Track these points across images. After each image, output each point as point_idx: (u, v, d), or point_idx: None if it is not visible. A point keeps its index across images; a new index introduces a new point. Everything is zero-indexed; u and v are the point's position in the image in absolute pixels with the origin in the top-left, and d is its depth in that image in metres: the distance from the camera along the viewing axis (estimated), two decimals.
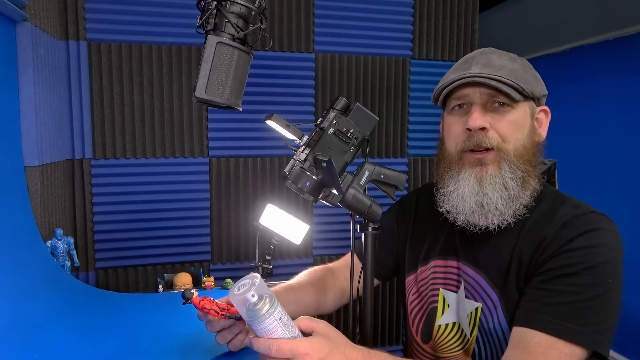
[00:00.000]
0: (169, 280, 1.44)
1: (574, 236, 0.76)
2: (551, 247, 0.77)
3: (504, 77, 0.80)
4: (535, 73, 0.86)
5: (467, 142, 0.83)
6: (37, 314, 0.93)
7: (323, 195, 0.85)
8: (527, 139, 0.83)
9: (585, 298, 0.72)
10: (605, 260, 0.74)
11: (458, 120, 0.86)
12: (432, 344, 0.94)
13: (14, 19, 1.10)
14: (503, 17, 3.07)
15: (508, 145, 0.81)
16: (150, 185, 1.59)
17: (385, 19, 1.78)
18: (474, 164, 0.83)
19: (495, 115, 0.82)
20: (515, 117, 0.82)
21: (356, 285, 0.88)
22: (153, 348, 0.87)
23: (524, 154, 0.82)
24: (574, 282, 0.73)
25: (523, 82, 0.81)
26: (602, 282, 0.73)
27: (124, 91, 1.54)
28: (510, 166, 0.81)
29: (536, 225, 0.82)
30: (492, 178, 0.81)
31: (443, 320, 0.92)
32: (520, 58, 0.86)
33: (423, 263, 0.98)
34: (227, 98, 0.77)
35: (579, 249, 0.75)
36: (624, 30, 2.33)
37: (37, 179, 1.19)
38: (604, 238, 0.76)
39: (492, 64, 0.82)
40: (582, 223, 0.77)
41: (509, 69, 0.81)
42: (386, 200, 0.91)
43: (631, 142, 2.34)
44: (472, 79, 0.81)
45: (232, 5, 0.75)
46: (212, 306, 0.75)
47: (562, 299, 0.73)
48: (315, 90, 1.74)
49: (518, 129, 0.82)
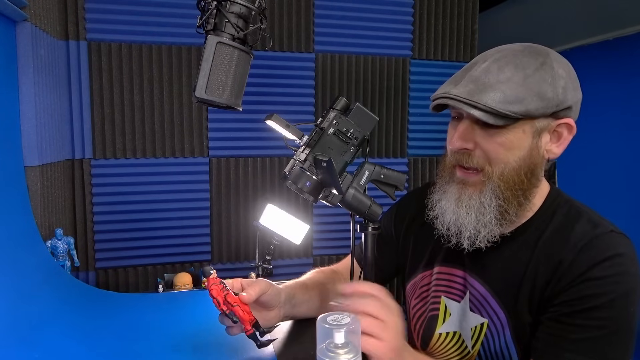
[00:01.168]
0: (169, 280, 1.44)
1: (594, 263, 0.71)
2: (570, 274, 0.72)
3: (480, 103, 0.71)
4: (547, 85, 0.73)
5: (452, 157, 0.80)
6: (37, 313, 0.93)
7: (323, 195, 0.85)
8: (522, 162, 0.76)
9: (611, 332, 0.69)
10: (628, 289, 0.71)
11: (451, 131, 0.81)
12: (430, 350, 0.93)
13: (14, 19, 1.10)
14: (503, 17, 3.07)
15: (494, 169, 0.75)
16: (150, 185, 1.59)
17: (385, 19, 1.78)
18: (459, 181, 0.80)
19: (483, 134, 0.75)
20: (505, 139, 0.74)
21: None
22: (153, 348, 0.87)
23: (512, 179, 0.76)
24: (598, 315, 0.70)
25: (513, 101, 0.71)
26: (624, 313, 0.70)
27: (124, 91, 1.54)
28: (491, 191, 0.76)
29: (551, 242, 0.77)
30: (470, 200, 0.77)
31: (444, 328, 0.90)
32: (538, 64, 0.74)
33: (426, 268, 0.96)
34: (227, 98, 0.77)
35: (600, 279, 0.70)
36: (624, 30, 2.33)
37: (37, 179, 1.19)
38: (626, 265, 0.71)
39: (482, 80, 0.74)
40: (603, 248, 0.72)
41: (499, 88, 0.72)
42: (386, 200, 0.91)
43: (631, 142, 2.34)
44: (447, 101, 0.75)
45: (232, 5, 0.75)
46: (219, 296, 0.75)
47: (589, 334, 0.69)
48: (315, 90, 1.74)
49: (508, 151, 0.75)
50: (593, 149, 2.56)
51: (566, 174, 2.73)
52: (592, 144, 2.57)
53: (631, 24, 2.29)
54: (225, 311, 0.76)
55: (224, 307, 0.76)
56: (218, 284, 0.77)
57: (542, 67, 0.74)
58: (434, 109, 0.84)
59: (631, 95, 2.34)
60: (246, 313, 0.78)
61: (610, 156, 2.46)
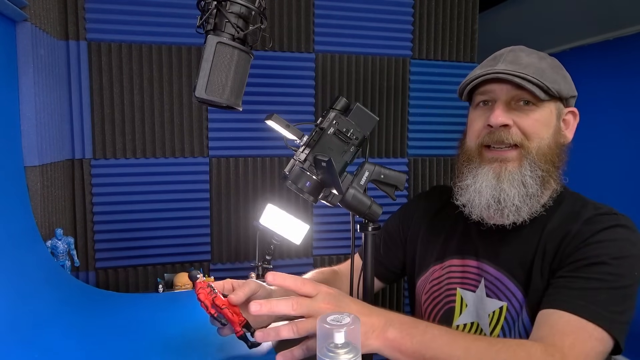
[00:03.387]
0: (169, 280, 1.44)
1: (598, 230, 0.77)
2: (576, 239, 0.78)
3: (529, 75, 0.79)
4: (565, 73, 0.85)
5: (488, 137, 0.84)
6: (37, 313, 0.93)
7: (323, 195, 0.85)
8: (552, 139, 0.83)
9: (615, 287, 0.73)
10: (632, 254, 0.75)
11: (481, 116, 0.86)
12: None
13: (14, 19, 1.10)
14: (503, 17, 3.07)
15: (532, 143, 0.82)
16: (150, 185, 1.59)
17: (385, 19, 1.78)
18: (492, 161, 0.84)
19: (519, 113, 0.82)
20: (540, 115, 0.82)
21: (356, 286, 0.88)
22: (153, 348, 0.87)
23: (547, 153, 0.82)
24: (602, 270, 0.74)
25: (550, 81, 0.80)
26: (629, 273, 0.74)
27: (124, 91, 1.54)
28: (531, 164, 0.81)
29: (560, 223, 0.83)
30: (511, 175, 0.82)
31: (461, 320, 0.92)
32: (550, 57, 0.86)
33: (437, 262, 0.97)
34: (227, 98, 0.77)
35: (604, 241, 0.76)
36: (624, 30, 2.33)
37: (37, 179, 1.19)
38: (628, 234, 0.77)
39: (519, 62, 0.82)
40: (605, 220, 0.79)
41: (536, 67, 0.81)
42: (386, 200, 0.91)
43: (631, 143, 2.34)
44: (496, 75, 0.81)
45: (232, 5, 0.75)
46: (207, 299, 0.75)
47: (591, 284, 0.73)
48: (315, 90, 1.74)
49: (543, 127, 0.82)
50: (593, 149, 2.57)
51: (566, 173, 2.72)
52: (592, 144, 2.57)
53: (631, 24, 2.28)
54: (214, 314, 0.76)
55: (212, 311, 0.75)
56: (205, 287, 0.76)
57: (555, 60, 0.85)
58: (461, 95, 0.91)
59: (631, 95, 2.34)
60: (235, 315, 0.77)
61: (610, 156, 2.46)
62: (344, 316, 0.62)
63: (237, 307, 0.78)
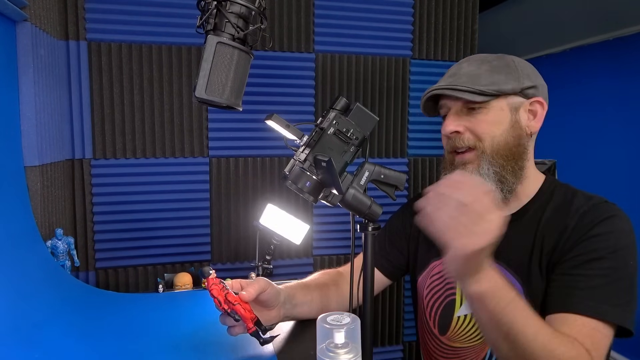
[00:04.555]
0: (169, 280, 1.44)
1: (595, 223, 0.82)
2: (575, 234, 0.82)
3: (458, 86, 0.88)
4: (510, 70, 0.90)
5: (448, 144, 0.95)
6: (37, 313, 0.93)
7: (323, 195, 0.85)
8: (508, 134, 0.89)
9: (614, 280, 0.78)
10: (625, 244, 0.80)
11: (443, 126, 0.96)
12: (450, 335, 0.96)
13: (14, 19, 1.10)
14: (503, 17, 3.07)
15: (484, 144, 0.89)
16: (150, 185, 1.59)
17: (385, 19, 1.77)
18: (459, 164, 0.93)
19: (469, 118, 0.90)
20: (487, 116, 0.89)
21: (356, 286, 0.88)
22: (153, 348, 0.87)
23: (502, 148, 0.89)
24: (602, 265, 0.78)
25: (485, 84, 0.87)
26: (624, 264, 0.79)
27: (124, 91, 1.54)
28: (487, 163, 0.88)
29: (554, 214, 0.88)
30: (470, 174, 0.88)
31: (462, 311, 0.95)
32: (499, 59, 0.92)
33: (437, 258, 1.01)
34: (227, 98, 0.77)
35: (601, 235, 0.80)
36: (624, 30, 2.33)
37: (37, 179, 1.19)
38: (621, 224, 0.82)
39: (458, 73, 0.91)
40: (600, 211, 0.83)
41: (470, 75, 0.89)
42: (386, 200, 0.91)
43: (631, 143, 2.34)
44: (433, 92, 0.93)
45: (232, 5, 0.75)
46: (220, 295, 0.75)
47: (597, 282, 0.77)
48: (315, 90, 1.74)
49: (493, 126, 0.89)
50: (593, 149, 2.57)
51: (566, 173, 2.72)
52: (592, 144, 2.57)
53: (631, 24, 2.28)
54: (227, 310, 0.76)
55: (225, 306, 0.76)
56: (218, 283, 0.77)
57: (503, 58, 0.92)
58: (424, 111, 1.03)
59: (631, 95, 2.34)
60: (247, 311, 0.78)
61: (610, 156, 2.46)
62: (344, 316, 0.62)
63: (248, 304, 0.79)
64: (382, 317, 1.89)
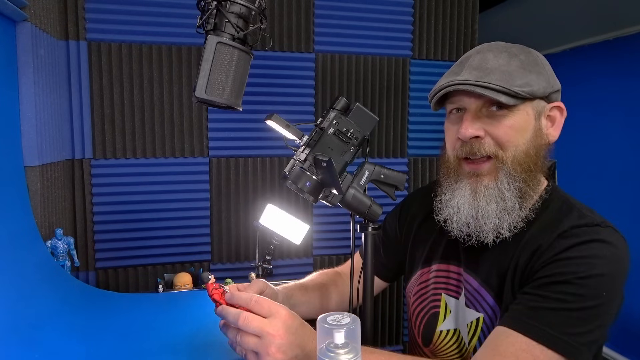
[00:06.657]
0: (169, 280, 1.44)
1: (569, 246, 0.72)
2: (545, 255, 0.74)
3: (491, 83, 0.73)
4: (541, 69, 0.79)
5: (461, 149, 0.79)
6: (37, 313, 0.93)
7: (323, 195, 0.85)
8: (530, 144, 0.77)
9: (573, 308, 0.69)
10: (602, 272, 0.70)
11: (454, 126, 0.82)
12: (432, 348, 0.94)
13: (14, 19, 1.10)
14: (503, 17, 3.07)
15: (506, 153, 0.76)
16: (150, 185, 1.59)
17: (385, 19, 1.78)
18: (470, 175, 0.80)
19: (491, 121, 0.77)
20: (513, 121, 0.76)
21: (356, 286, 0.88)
22: (153, 348, 0.87)
23: (524, 161, 0.77)
24: (563, 290, 0.70)
25: (520, 84, 0.74)
26: (594, 294, 0.69)
27: (124, 91, 1.54)
28: (507, 176, 0.77)
29: (538, 234, 0.78)
30: (487, 190, 0.77)
31: (444, 326, 0.90)
32: (525, 52, 0.79)
33: (425, 265, 0.96)
34: (227, 98, 0.77)
35: (572, 258, 0.71)
36: (624, 30, 2.33)
37: (37, 179, 1.19)
38: (603, 250, 0.72)
39: (484, 67, 0.76)
40: (580, 233, 0.73)
41: (502, 71, 0.75)
42: (386, 200, 0.91)
43: (631, 143, 2.34)
44: (457, 87, 0.76)
45: (232, 5, 0.75)
46: (221, 299, 0.75)
47: (548, 304, 0.70)
48: (315, 90, 1.74)
49: (518, 133, 0.76)
50: (593, 149, 2.57)
51: (566, 173, 2.73)
52: (592, 144, 2.57)
53: (631, 24, 2.29)
54: None
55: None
56: (218, 288, 0.77)
57: (530, 54, 0.80)
58: (436, 104, 0.86)
59: (631, 95, 2.34)
60: None
61: (610, 156, 2.46)
62: (344, 316, 0.62)
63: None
64: (382, 317, 1.90)
